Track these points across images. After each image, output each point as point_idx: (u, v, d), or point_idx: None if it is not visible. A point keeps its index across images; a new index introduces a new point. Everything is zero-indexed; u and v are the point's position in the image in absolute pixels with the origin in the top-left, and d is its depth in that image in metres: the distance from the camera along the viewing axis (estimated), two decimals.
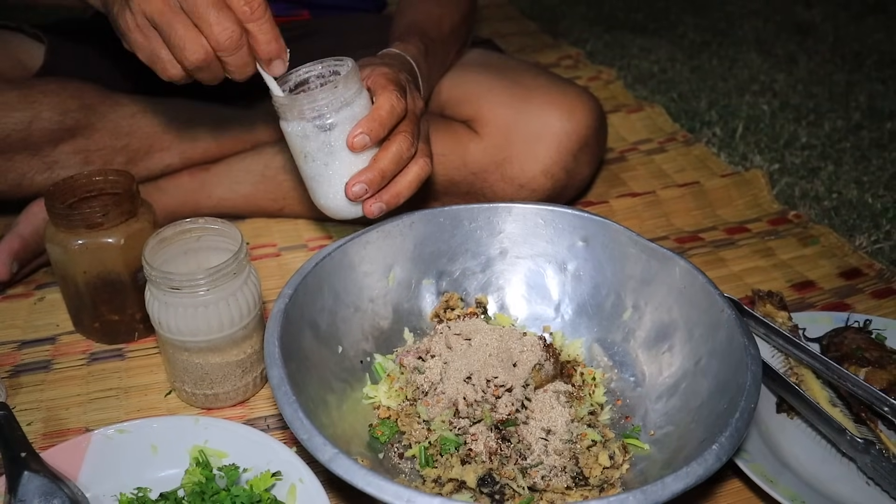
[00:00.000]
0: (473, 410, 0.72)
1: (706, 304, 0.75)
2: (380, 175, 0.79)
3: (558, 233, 0.86)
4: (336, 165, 0.79)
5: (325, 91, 0.77)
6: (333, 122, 0.78)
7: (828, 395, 0.81)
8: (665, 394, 0.76)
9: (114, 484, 0.69)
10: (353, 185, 0.79)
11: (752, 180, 1.23)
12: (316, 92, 0.77)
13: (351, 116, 0.78)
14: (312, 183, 0.83)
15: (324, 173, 0.80)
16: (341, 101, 0.77)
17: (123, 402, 0.84)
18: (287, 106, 0.78)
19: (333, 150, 0.79)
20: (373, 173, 0.79)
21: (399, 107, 0.80)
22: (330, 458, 0.57)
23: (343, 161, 0.79)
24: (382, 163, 0.79)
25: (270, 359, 0.66)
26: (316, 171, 0.81)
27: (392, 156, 0.80)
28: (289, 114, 0.78)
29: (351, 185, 0.79)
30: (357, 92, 0.79)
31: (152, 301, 0.76)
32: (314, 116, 0.77)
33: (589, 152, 1.06)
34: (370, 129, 0.78)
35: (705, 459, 0.58)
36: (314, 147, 0.79)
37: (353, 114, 0.78)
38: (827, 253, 1.09)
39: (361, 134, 0.78)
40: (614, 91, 1.56)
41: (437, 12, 1.08)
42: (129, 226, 0.84)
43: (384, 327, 0.84)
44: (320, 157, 0.79)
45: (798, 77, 1.70)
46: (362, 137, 0.78)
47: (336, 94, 0.77)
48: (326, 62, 0.82)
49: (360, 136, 0.78)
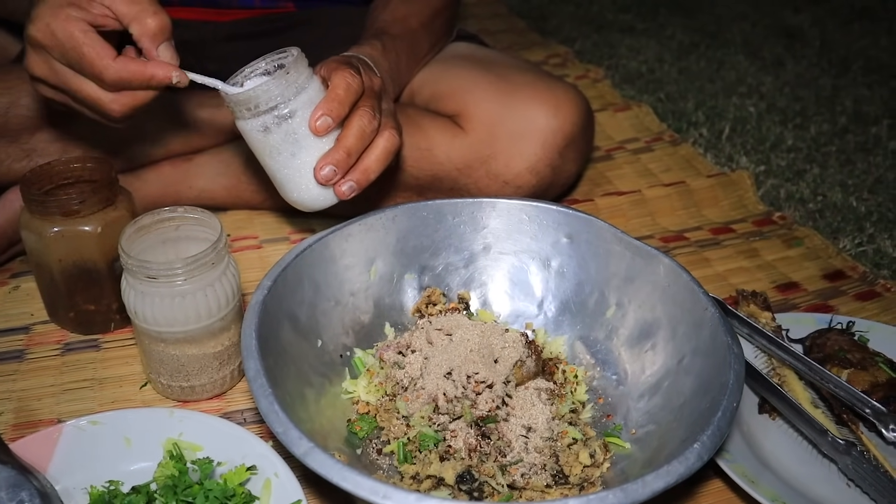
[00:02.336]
0: (453, 406, 0.71)
1: (690, 302, 0.74)
2: (345, 153, 0.79)
3: (542, 229, 0.85)
4: (303, 155, 0.78)
5: (277, 79, 0.75)
6: (292, 109, 0.77)
7: (810, 397, 0.81)
8: (647, 392, 0.76)
9: (85, 476, 0.68)
10: (322, 169, 0.79)
11: (738, 181, 1.23)
12: (269, 82, 0.76)
13: (308, 101, 0.77)
14: (281, 177, 0.82)
15: (292, 164, 0.79)
16: (295, 86, 0.76)
17: (97, 394, 0.83)
18: (242, 102, 0.76)
19: (298, 138, 0.77)
20: (339, 153, 0.79)
21: (355, 83, 0.80)
22: (305, 453, 0.56)
23: (309, 148, 0.78)
24: (347, 141, 0.79)
25: (247, 351, 0.65)
26: (283, 164, 0.80)
27: (355, 132, 0.79)
28: (245, 111, 0.77)
29: (319, 170, 0.79)
30: (309, 76, 0.78)
31: (128, 290, 0.75)
32: (272, 107, 0.76)
33: (575, 150, 1.05)
34: (330, 110, 0.78)
35: (686, 458, 0.57)
36: (277, 139, 0.78)
37: (310, 97, 0.77)
38: (811, 255, 1.09)
39: (323, 116, 0.77)
40: (602, 90, 1.55)
41: (403, 10, 1.07)
42: (107, 214, 0.83)
43: (365, 321, 0.83)
44: (285, 147, 0.78)
45: (785, 80, 1.70)
46: (325, 119, 0.77)
47: (289, 80, 0.76)
48: (268, 57, 0.80)
49: (322, 119, 0.77)
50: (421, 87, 1.10)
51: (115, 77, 0.73)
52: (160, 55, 0.76)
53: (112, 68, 0.73)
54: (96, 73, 0.73)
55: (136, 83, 0.75)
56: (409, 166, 1.04)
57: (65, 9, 0.73)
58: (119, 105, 0.76)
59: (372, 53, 0.96)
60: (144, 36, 0.75)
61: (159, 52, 0.75)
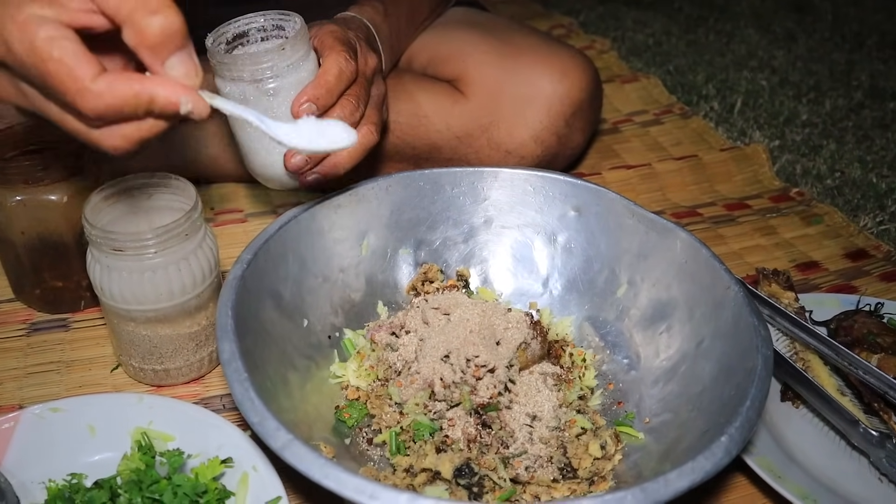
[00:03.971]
0: (451, 393, 0.65)
1: (710, 280, 0.68)
2: None
3: (549, 201, 0.80)
4: None
5: (270, 53, 0.69)
6: (277, 86, 0.71)
7: (836, 384, 0.76)
8: (662, 378, 0.70)
9: (43, 469, 0.62)
10: (293, 157, 0.72)
11: (753, 155, 1.18)
12: (261, 53, 0.69)
13: (296, 81, 0.71)
14: (247, 150, 0.77)
15: (262, 140, 0.74)
16: (287, 64, 0.70)
17: (64, 377, 0.77)
18: (226, 65, 0.70)
19: (275, 116, 0.71)
20: None
21: (348, 70, 0.73)
22: (283, 445, 0.50)
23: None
24: None
25: (222, 331, 0.59)
26: (253, 138, 0.74)
27: None
28: (227, 73, 0.70)
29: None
30: (305, 55, 0.72)
31: (94, 265, 0.68)
32: (256, 80, 0.70)
33: (582, 118, 1.00)
34: (316, 97, 0.71)
35: (713, 453, 0.51)
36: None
37: (299, 78, 0.71)
38: (831, 233, 1.04)
39: (308, 102, 0.70)
40: (608, 61, 1.49)
41: None
42: (73, 183, 0.76)
43: (355, 300, 0.77)
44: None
45: (797, 54, 1.65)
46: (309, 106, 0.70)
47: (282, 56, 0.70)
48: (270, 15, 0.74)
49: (306, 105, 0.70)
50: (419, 50, 1.05)
51: (97, 105, 0.50)
52: (169, 72, 0.52)
53: (90, 92, 0.49)
54: (70, 100, 0.50)
55: (128, 111, 0.51)
56: (404, 135, 0.98)
57: (25, 7, 0.49)
58: (114, 139, 0.53)
59: (374, 17, 0.90)
60: (142, 46, 0.50)
61: (167, 67, 0.52)
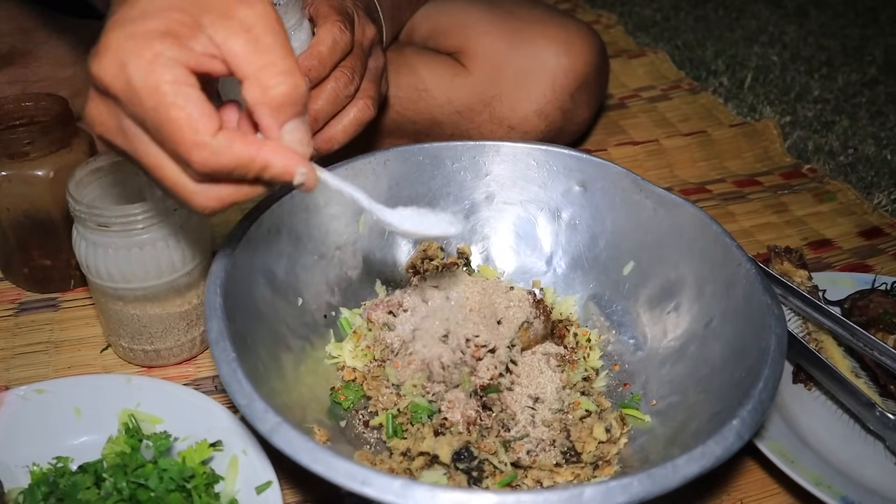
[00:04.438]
0: (450, 374, 0.63)
1: (721, 257, 0.66)
2: (312, 118, 0.69)
3: (552, 176, 0.77)
4: None
5: None
6: None
7: (850, 365, 0.73)
8: (669, 359, 0.68)
9: (28, 452, 0.60)
10: None
11: (764, 131, 1.14)
12: None
13: None
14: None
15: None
16: None
17: (53, 358, 0.75)
18: None
19: None
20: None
21: (343, 41, 0.70)
22: (272, 429, 0.47)
23: None
24: (316, 104, 0.69)
25: (210, 309, 0.56)
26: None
27: (327, 95, 0.70)
28: None
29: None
30: (297, 23, 0.69)
31: (79, 241, 0.66)
32: None
33: (588, 92, 0.97)
34: (309, 69, 0.67)
35: (724, 437, 0.48)
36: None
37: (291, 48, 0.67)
38: (845, 210, 1.02)
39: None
40: (614, 36, 1.46)
41: None
42: (60, 157, 0.74)
43: (352, 278, 0.75)
44: None
45: (809, 29, 1.61)
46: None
47: None
48: None
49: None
50: (420, 22, 1.02)
51: (211, 162, 0.47)
52: (284, 136, 0.49)
53: (208, 148, 0.46)
54: (183, 150, 0.46)
55: (238, 173, 0.48)
56: (404, 110, 0.95)
57: (154, 42, 0.45)
58: (207, 200, 0.50)
59: None
60: (264, 105, 0.47)
61: (284, 133, 0.49)
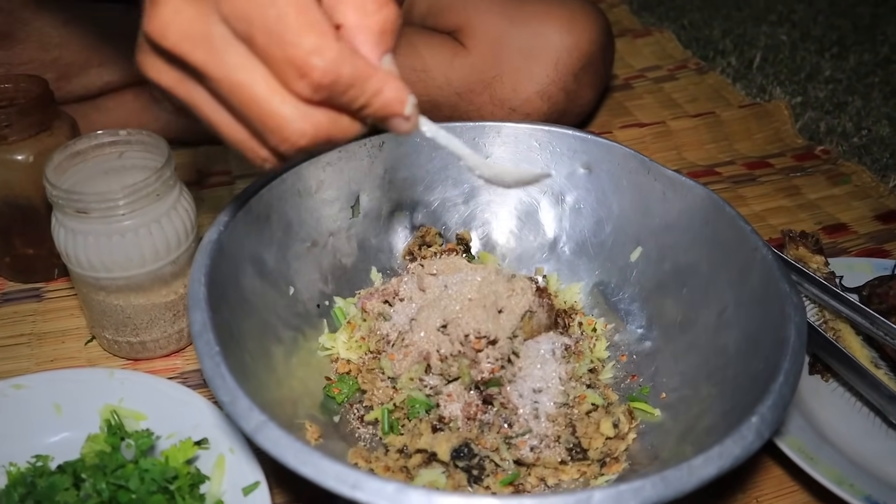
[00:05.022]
0: (449, 366, 0.60)
1: (734, 242, 0.62)
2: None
3: (556, 158, 0.73)
4: None
5: None
6: None
7: (870, 355, 0.70)
8: (680, 349, 0.65)
9: (6, 451, 0.57)
10: None
11: (774, 112, 1.11)
12: None
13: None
14: None
15: None
16: None
17: (35, 351, 0.72)
18: None
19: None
20: None
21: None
22: (256, 428, 0.44)
23: None
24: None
25: (193, 300, 0.53)
26: None
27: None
28: None
29: None
30: None
31: (58, 228, 0.63)
32: None
33: (592, 72, 0.94)
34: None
35: (743, 436, 0.45)
36: None
37: None
38: (860, 193, 0.98)
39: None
40: (619, 15, 1.42)
41: None
42: (41, 141, 0.70)
43: (347, 266, 0.72)
44: None
45: (819, 8, 1.57)
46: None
47: None
48: None
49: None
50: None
51: (332, 71, 0.40)
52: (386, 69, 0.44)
53: (334, 50, 0.40)
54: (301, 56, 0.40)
55: (352, 92, 0.42)
56: None
57: None
58: (305, 126, 0.43)
59: None
60: (366, 28, 0.43)
61: (383, 64, 0.44)
